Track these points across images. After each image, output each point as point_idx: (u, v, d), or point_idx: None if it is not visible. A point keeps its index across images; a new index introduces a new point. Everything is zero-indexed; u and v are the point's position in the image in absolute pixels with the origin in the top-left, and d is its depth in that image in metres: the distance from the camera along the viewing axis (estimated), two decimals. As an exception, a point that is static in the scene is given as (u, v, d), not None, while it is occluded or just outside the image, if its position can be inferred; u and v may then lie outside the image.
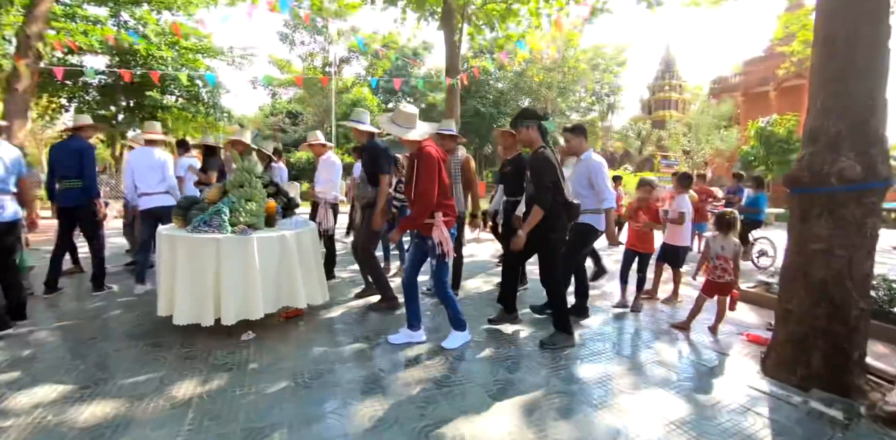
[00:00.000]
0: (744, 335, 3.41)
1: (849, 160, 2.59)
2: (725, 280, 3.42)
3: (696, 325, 3.57)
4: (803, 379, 2.61)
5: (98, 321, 3.50)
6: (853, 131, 2.60)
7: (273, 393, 2.41)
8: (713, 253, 3.48)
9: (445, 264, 2.92)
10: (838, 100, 2.64)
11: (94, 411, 2.23)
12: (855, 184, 2.57)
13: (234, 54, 19.74)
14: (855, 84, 2.58)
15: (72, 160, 3.84)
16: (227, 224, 3.05)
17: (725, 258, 3.42)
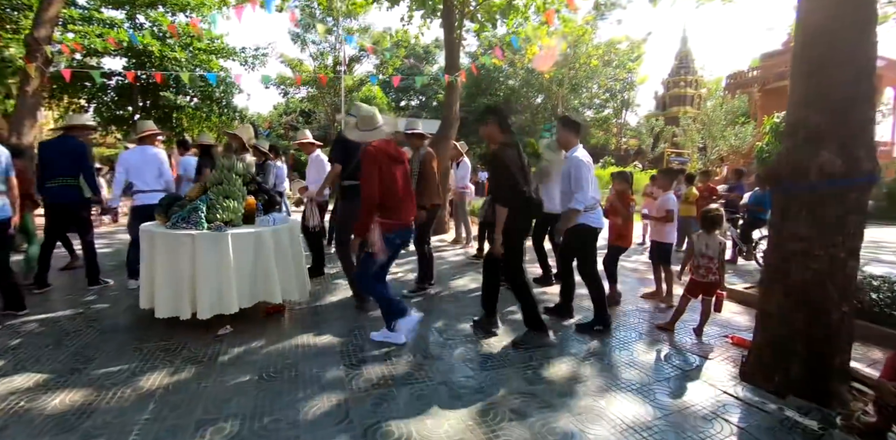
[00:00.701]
0: (729, 338, 3.30)
1: (829, 154, 2.47)
2: (710, 280, 3.32)
3: (682, 327, 3.49)
4: (781, 385, 2.50)
5: (87, 314, 3.61)
6: (834, 123, 2.47)
7: (236, 385, 2.45)
8: (697, 251, 3.40)
9: (372, 259, 2.88)
10: (818, 89, 2.52)
11: (63, 399, 2.30)
12: (836, 179, 2.46)
13: (246, 54, 20.06)
14: (835, 71, 2.43)
15: (67, 159, 3.95)
16: (203, 220, 3.10)
17: (709, 257, 3.32)
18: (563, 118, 3.60)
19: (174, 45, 16.11)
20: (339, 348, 2.98)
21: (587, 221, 3.38)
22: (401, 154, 2.94)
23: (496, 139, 3.07)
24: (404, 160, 2.96)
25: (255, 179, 3.70)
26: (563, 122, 3.53)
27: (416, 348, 3.00)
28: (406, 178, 2.97)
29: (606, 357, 2.95)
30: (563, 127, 3.50)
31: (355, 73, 25.26)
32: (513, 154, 2.98)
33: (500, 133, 3.05)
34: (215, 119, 19.55)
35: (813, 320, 2.47)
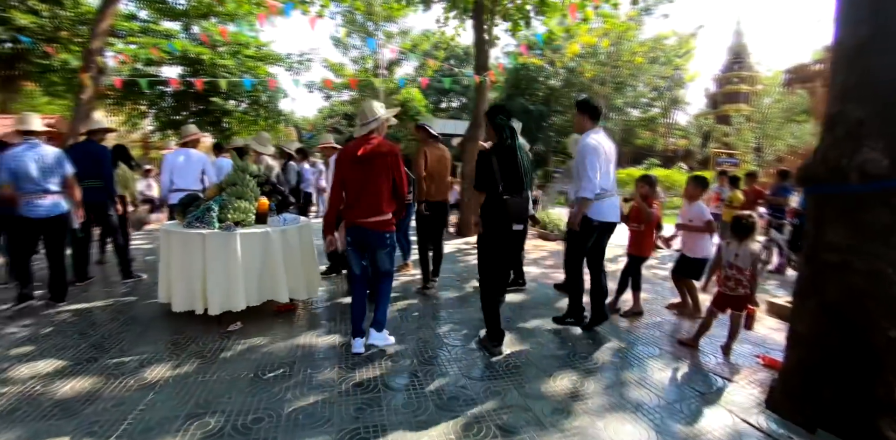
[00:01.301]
0: (761, 358, 2.98)
1: (873, 152, 2.17)
2: (739, 293, 3.01)
3: (710, 343, 3.21)
4: (810, 417, 2.21)
5: (115, 306, 3.83)
6: (879, 117, 2.17)
7: (231, 382, 2.49)
8: (725, 261, 3.10)
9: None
10: (861, 78, 2.22)
11: (73, 386, 2.44)
12: (880, 181, 2.16)
13: (291, 60, 20.90)
14: (881, 58, 2.12)
15: (90, 162, 4.21)
16: (214, 220, 3.20)
17: (739, 268, 3.01)
18: (578, 102, 3.38)
19: (224, 53, 17.01)
20: (339, 350, 2.97)
21: (587, 212, 3.19)
22: (373, 153, 2.75)
23: (494, 138, 2.98)
24: (374, 159, 2.76)
25: (270, 181, 3.79)
26: (579, 106, 3.33)
27: (415, 353, 2.95)
28: (373, 179, 2.77)
29: (615, 372, 2.76)
30: (579, 111, 3.31)
31: (395, 76, 25.69)
32: (492, 152, 2.88)
33: (494, 132, 2.95)
34: (262, 122, 20.45)
35: (851, 343, 2.17)
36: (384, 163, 2.79)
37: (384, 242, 2.89)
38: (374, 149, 2.77)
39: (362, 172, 2.76)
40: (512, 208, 2.83)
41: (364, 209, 2.78)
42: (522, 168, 2.90)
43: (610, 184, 3.24)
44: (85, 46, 6.73)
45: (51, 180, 3.59)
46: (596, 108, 3.31)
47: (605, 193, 3.18)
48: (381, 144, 2.81)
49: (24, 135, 3.66)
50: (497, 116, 2.95)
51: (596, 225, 3.21)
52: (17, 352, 2.87)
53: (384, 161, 2.79)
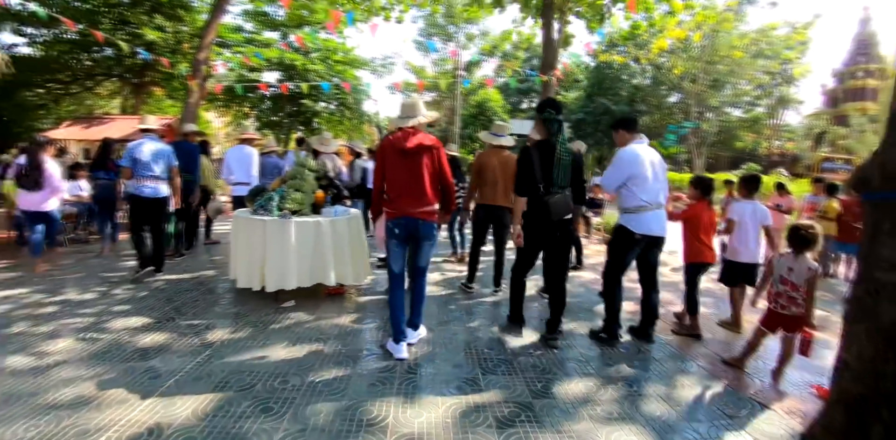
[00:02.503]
0: (815, 388, 2.66)
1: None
2: (792, 312, 2.72)
3: (761, 366, 2.96)
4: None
5: (199, 279, 4.49)
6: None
7: (272, 349, 2.86)
8: (776, 276, 2.82)
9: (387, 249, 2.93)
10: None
11: (152, 338, 2.98)
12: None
13: (375, 64, 22.12)
14: None
15: (185, 158, 4.93)
16: (275, 209, 3.64)
17: (793, 284, 2.72)
18: (613, 122, 3.42)
19: (315, 58, 18.51)
20: (370, 332, 3.23)
21: (626, 223, 3.12)
22: (419, 146, 2.82)
23: (540, 136, 3.07)
24: (421, 152, 2.82)
25: (328, 175, 4.18)
26: (613, 125, 3.37)
27: (441, 342, 3.10)
28: (418, 170, 2.81)
29: (638, 384, 2.65)
30: (613, 129, 3.33)
31: (474, 76, 26.01)
32: (533, 151, 2.94)
33: (544, 130, 3.01)
34: (347, 122, 21.89)
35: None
36: (430, 155, 2.86)
37: (431, 233, 2.91)
38: (421, 141, 2.83)
39: (409, 164, 2.81)
40: (553, 208, 2.90)
41: (413, 200, 2.82)
42: (559, 164, 2.91)
43: (653, 196, 3.10)
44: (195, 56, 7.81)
45: (158, 169, 4.32)
46: (626, 120, 3.30)
47: (648, 206, 3.08)
48: (425, 137, 2.88)
49: (143, 131, 4.46)
50: (545, 110, 3.01)
51: (638, 238, 3.08)
52: (117, 309, 3.54)
53: (430, 153, 2.86)
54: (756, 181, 3.72)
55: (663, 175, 3.21)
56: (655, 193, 3.11)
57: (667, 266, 5.90)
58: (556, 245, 3.11)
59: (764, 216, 3.58)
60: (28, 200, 4.49)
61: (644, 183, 3.08)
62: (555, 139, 2.94)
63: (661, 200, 3.14)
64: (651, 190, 3.09)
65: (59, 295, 3.89)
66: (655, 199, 3.11)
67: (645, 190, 3.08)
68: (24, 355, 2.68)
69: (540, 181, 2.94)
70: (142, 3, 14.07)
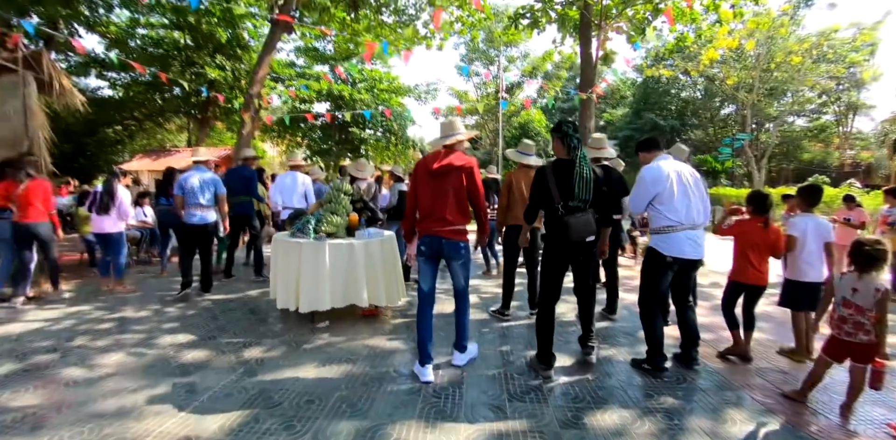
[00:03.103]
0: (890, 427, 2.33)
1: None
2: (860, 340, 2.41)
3: (825, 401, 2.63)
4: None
5: (243, 299, 4.70)
6: None
7: (302, 368, 2.92)
8: (838, 298, 2.52)
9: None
10: None
11: (194, 354, 3.15)
12: None
13: (419, 91, 22.92)
14: None
15: (241, 182, 5.29)
16: (311, 231, 3.78)
17: (858, 307, 2.42)
18: (637, 143, 3.33)
19: (361, 88, 19.49)
20: (400, 354, 3.21)
21: (655, 245, 2.94)
22: (447, 166, 2.84)
23: (557, 154, 2.99)
24: (449, 172, 2.84)
25: (363, 199, 4.31)
26: (636, 148, 3.28)
27: (470, 366, 3.03)
28: (445, 190, 2.85)
29: (680, 417, 2.42)
30: (636, 152, 3.25)
31: (517, 99, 26.23)
32: (548, 170, 2.89)
33: (561, 148, 2.94)
34: (393, 149, 22.64)
35: None
36: (458, 175, 2.86)
37: (458, 252, 2.88)
38: (450, 161, 2.85)
39: (438, 184, 2.85)
40: (573, 228, 2.77)
41: (439, 219, 2.84)
42: (580, 179, 2.80)
43: (682, 214, 2.88)
44: (249, 91, 8.46)
45: (205, 196, 4.64)
46: (640, 144, 3.23)
47: (678, 226, 2.88)
48: (457, 157, 2.88)
49: (195, 163, 4.84)
50: (561, 129, 2.95)
51: (669, 261, 2.89)
52: (167, 326, 3.78)
53: (458, 173, 2.86)
54: (815, 192, 3.39)
55: (699, 191, 2.97)
56: (686, 212, 2.88)
57: (722, 287, 5.48)
58: (581, 267, 2.99)
59: (827, 231, 3.25)
60: (98, 224, 4.95)
61: (669, 201, 2.87)
62: (574, 154, 2.87)
63: (695, 219, 2.90)
64: (679, 208, 2.88)
65: (117, 312, 4.22)
66: (687, 218, 2.88)
67: (672, 209, 2.87)
68: (80, 367, 2.92)
69: (558, 201, 2.84)
70: (206, 46, 15.58)
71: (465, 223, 2.94)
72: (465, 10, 12.55)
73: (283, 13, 8.47)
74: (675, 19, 9.46)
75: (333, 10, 12.25)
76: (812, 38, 17.85)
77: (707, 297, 4.88)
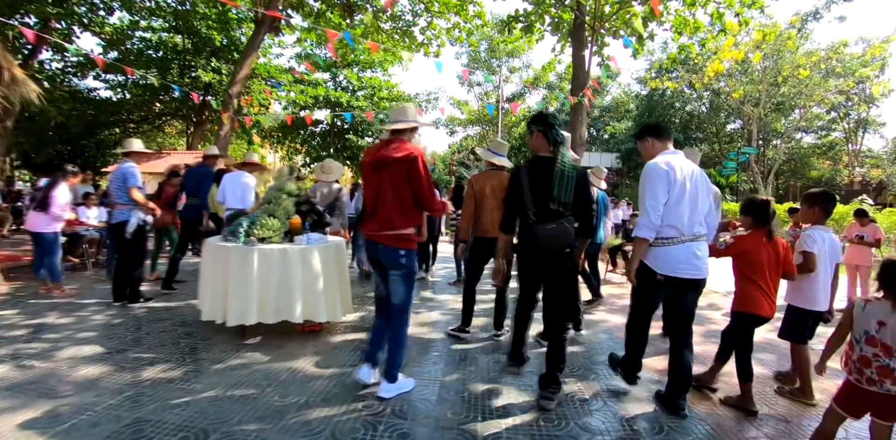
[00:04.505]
0: None
1: None
2: (887, 390, 1.78)
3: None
4: None
5: (184, 308, 4.27)
6: None
7: (198, 393, 2.49)
8: (860, 332, 1.91)
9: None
10: None
11: (88, 371, 2.76)
12: None
13: (419, 99, 22.78)
14: None
15: (194, 183, 4.94)
16: (242, 235, 3.38)
17: (886, 346, 1.82)
18: (639, 130, 2.79)
19: (361, 96, 19.37)
20: (321, 382, 2.73)
21: (645, 259, 2.42)
22: (384, 158, 2.42)
23: (539, 151, 2.57)
24: (387, 165, 2.42)
25: (310, 201, 3.91)
26: (638, 134, 2.73)
27: (396, 399, 2.54)
28: (383, 186, 2.43)
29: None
30: (638, 139, 2.70)
31: (518, 110, 26.02)
32: (525, 170, 2.47)
33: (546, 144, 2.52)
34: (390, 156, 22.38)
35: None
36: (398, 169, 2.41)
37: (396, 261, 2.46)
38: (388, 152, 2.42)
39: (378, 179, 2.45)
40: (542, 240, 2.36)
41: (377, 221, 2.46)
42: (562, 178, 2.39)
43: (686, 223, 2.35)
44: (241, 93, 8.19)
45: (118, 192, 4.26)
46: (654, 127, 2.65)
47: (679, 237, 2.35)
48: (398, 148, 2.43)
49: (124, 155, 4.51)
50: (546, 119, 2.54)
51: (660, 279, 2.37)
52: (80, 336, 3.41)
53: (398, 167, 2.40)
54: (831, 200, 2.82)
55: (706, 197, 2.45)
56: (689, 220, 2.36)
57: (720, 310, 4.99)
58: (552, 285, 2.55)
59: (838, 250, 2.79)
60: (32, 221, 4.60)
61: (674, 206, 2.33)
62: (556, 150, 2.46)
63: (697, 229, 2.40)
64: (682, 215, 2.34)
65: (39, 318, 3.85)
66: (689, 228, 2.37)
67: (674, 215, 2.33)
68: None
69: (530, 206, 2.43)
70: (203, 49, 15.51)
71: (409, 227, 2.49)
72: (463, 16, 12.37)
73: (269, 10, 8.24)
74: (678, 30, 9.15)
75: (329, 15, 12.09)
76: (821, 51, 17.44)
77: (701, 321, 4.35)
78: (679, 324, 2.53)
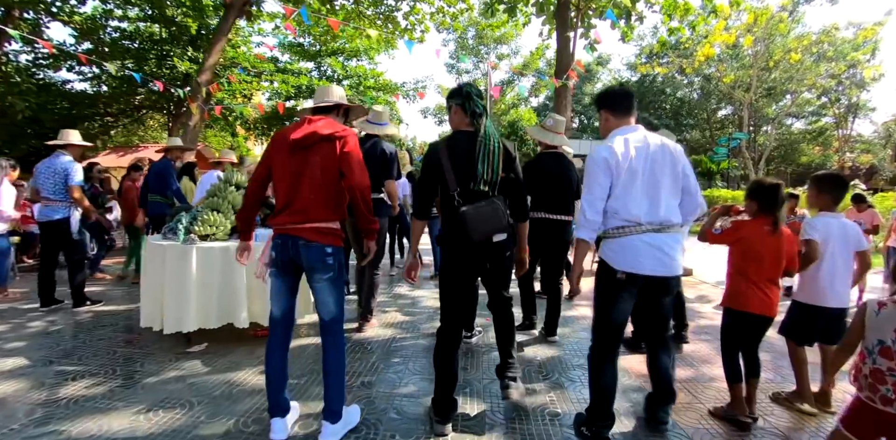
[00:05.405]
0: None
1: None
2: None
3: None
4: None
5: (130, 312, 3.98)
6: None
7: (116, 414, 2.21)
8: (873, 341, 1.56)
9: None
10: None
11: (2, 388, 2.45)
12: None
13: (406, 88, 22.32)
14: None
15: (155, 179, 4.71)
16: (181, 232, 3.08)
17: None
18: (596, 98, 2.35)
19: (347, 86, 18.86)
20: (258, 398, 2.43)
21: (604, 255, 2.07)
22: (311, 135, 2.03)
23: (459, 127, 2.23)
24: (313, 145, 2.03)
25: (263, 193, 3.60)
26: (596, 103, 2.31)
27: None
28: (308, 170, 2.04)
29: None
30: (598, 109, 2.26)
31: (507, 97, 25.58)
32: (442, 149, 2.13)
33: (463, 119, 2.18)
34: (378, 146, 21.98)
35: None
36: (327, 149, 2.04)
37: (323, 262, 2.03)
38: (315, 130, 2.03)
39: (298, 163, 2.04)
40: (470, 223, 2.03)
41: (296, 212, 2.03)
42: (485, 153, 2.09)
43: (645, 210, 1.97)
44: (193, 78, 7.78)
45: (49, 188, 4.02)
46: (610, 96, 2.19)
47: (633, 227, 1.97)
48: (326, 125, 2.07)
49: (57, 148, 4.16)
50: (462, 91, 2.19)
51: (621, 277, 2.00)
52: (9, 346, 3.13)
53: (327, 147, 2.04)
54: (841, 183, 2.51)
55: (674, 175, 2.03)
56: (650, 205, 1.97)
57: (710, 302, 4.75)
58: (491, 280, 2.27)
59: (856, 237, 2.45)
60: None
61: (626, 190, 1.96)
62: (475, 122, 2.15)
63: (664, 217, 1.99)
64: (638, 200, 1.97)
65: (-30, 326, 3.53)
66: (650, 215, 1.97)
67: (628, 202, 1.97)
68: None
69: (454, 187, 2.10)
70: (180, 39, 14.92)
71: (336, 219, 2.10)
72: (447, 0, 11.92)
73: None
74: (668, 12, 8.82)
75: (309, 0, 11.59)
76: (812, 35, 17.11)
77: (690, 316, 3.90)
78: (653, 328, 2.23)
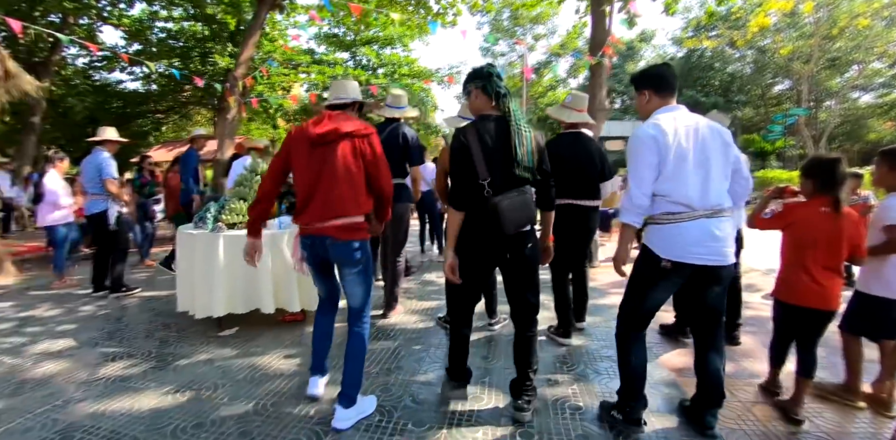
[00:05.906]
0: None
1: None
2: None
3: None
4: None
5: (164, 298, 4.17)
6: None
7: (146, 393, 2.35)
8: None
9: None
10: None
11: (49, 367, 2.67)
12: None
13: (441, 74, 22.14)
14: None
15: (182, 169, 4.87)
16: (210, 221, 3.18)
17: None
18: (634, 78, 2.17)
19: (382, 74, 18.95)
20: (283, 381, 2.50)
21: (648, 241, 1.95)
22: (333, 132, 2.04)
23: (482, 112, 2.09)
24: (336, 141, 2.05)
25: (287, 181, 3.65)
26: (634, 82, 2.14)
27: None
28: (331, 167, 2.05)
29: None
30: (636, 88, 2.11)
31: (545, 79, 24.81)
32: (463, 137, 1.99)
33: (488, 103, 2.05)
34: (415, 134, 22.11)
35: None
36: (350, 145, 2.07)
37: (351, 256, 2.08)
38: (337, 126, 2.04)
39: (320, 159, 2.05)
40: (507, 214, 1.92)
41: (321, 209, 2.05)
42: (520, 138, 1.96)
43: (698, 194, 1.84)
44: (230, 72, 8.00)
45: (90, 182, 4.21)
46: (653, 76, 2.03)
47: (687, 213, 1.84)
48: (346, 122, 2.09)
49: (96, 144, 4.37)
50: (483, 72, 2.07)
51: (665, 266, 1.88)
52: (60, 329, 3.37)
53: (350, 143, 2.07)
54: None
55: (725, 157, 1.90)
56: (701, 190, 1.84)
57: (760, 291, 4.37)
58: (512, 275, 2.14)
59: None
60: (38, 215, 4.62)
61: (675, 174, 1.83)
62: (504, 106, 2.01)
63: (715, 201, 1.86)
64: (689, 185, 1.83)
65: (29, 310, 3.87)
66: (702, 201, 1.84)
67: (677, 186, 1.83)
68: None
69: (484, 176, 1.97)
70: (220, 35, 15.42)
71: (361, 214, 2.12)
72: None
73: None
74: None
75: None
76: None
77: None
78: (705, 323, 2.03)
